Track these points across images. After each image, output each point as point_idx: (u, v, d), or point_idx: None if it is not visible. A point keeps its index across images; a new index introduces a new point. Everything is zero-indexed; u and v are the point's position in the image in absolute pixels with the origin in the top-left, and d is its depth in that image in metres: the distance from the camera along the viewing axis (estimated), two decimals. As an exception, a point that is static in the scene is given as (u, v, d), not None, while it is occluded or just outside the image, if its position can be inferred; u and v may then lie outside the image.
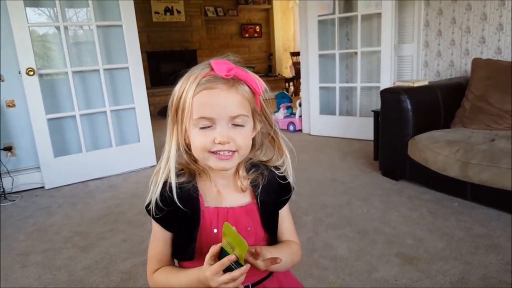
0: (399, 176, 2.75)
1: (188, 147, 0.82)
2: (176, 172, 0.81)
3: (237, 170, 0.87)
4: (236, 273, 0.69)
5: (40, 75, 2.93)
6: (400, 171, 2.73)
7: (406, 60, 3.70)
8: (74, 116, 3.10)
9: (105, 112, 3.22)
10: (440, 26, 3.31)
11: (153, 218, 0.82)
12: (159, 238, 0.85)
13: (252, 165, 0.89)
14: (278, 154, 0.89)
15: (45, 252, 2.06)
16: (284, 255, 0.83)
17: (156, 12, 6.37)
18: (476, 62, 2.76)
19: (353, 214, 2.29)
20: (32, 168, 3.08)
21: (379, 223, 2.16)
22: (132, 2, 3.16)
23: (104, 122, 3.25)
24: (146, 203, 0.83)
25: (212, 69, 0.77)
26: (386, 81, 3.55)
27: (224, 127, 0.76)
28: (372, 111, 3.23)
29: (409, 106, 2.59)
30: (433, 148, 2.41)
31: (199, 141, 0.77)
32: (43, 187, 3.07)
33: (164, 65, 6.54)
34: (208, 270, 0.70)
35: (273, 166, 0.90)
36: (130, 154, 3.35)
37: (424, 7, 3.40)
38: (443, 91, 2.76)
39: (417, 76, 3.58)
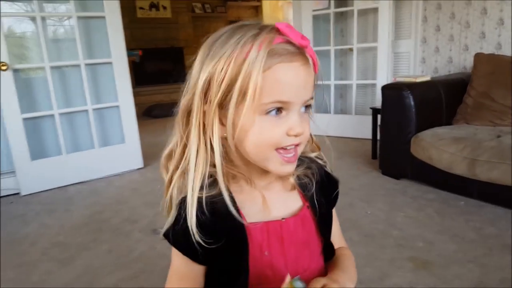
0: (400, 175, 2.63)
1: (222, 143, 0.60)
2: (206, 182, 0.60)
3: None
4: None
5: (15, 70, 2.71)
6: (402, 169, 2.60)
7: (403, 57, 3.59)
8: (52, 115, 2.89)
9: (86, 110, 3.01)
10: (438, 21, 3.21)
11: (178, 249, 0.62)
12: (185, 275, 0.64)
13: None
14: (312, 143, 0.70)
15: (19, 266, 1.85)
16: (353, 276, 0.68)
17: (140, 8, 6.15)
18: (479, 57, 2.66)
19: (357, 216, 2.15)
20: (6, 173, 2.83)
21: (385, 225, 2.02)
22: (116, -7, 2.98)
23: (86, 122, 3.04)
24: (165, 228, 0.63)
25: (280, 33, 0.56)
26: (383, 78, 3.44)
27: (297, 114, 0.57)
28: (371, 108, 3.11)
29: (412, 103, 2.46)
30: (438, 146, 2.29)
31: (269, 133, 0.56)
32: (18, 193, 2.82)
33: (149, 63, 6.31)
34: None
35: (316, 157, 0.71)
36: (114, 156, 3.15)
37: (422, 2, 3.30)
38: (445, 87, 2.65)
39: (414, 73, 3.47)
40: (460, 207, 2.19)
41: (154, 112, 5.79)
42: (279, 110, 0.56)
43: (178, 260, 0.64)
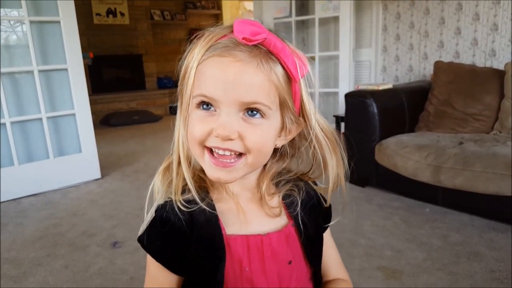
0: (366, 182, 2.64)
1: None
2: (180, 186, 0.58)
3: (258, 184, 0.61)
4: None
5: (-40, 76, 2.51)
6: (367, 177, 2.61)
7: (364, 65, 3.65)
8: (4, 124, 2.69)
9: (40, 119, 2.84)
10: (398, 31, 3.28)
11: (152, 255, 0.59)
12: (160, 283, 0.60)
13: (281, 177, 0.63)
14: (319, 166, 0.62)
15: (-37, 287, 1.69)
16: None
17: (97, 14, 5.94)
18: (438, 66, 2.73)
19: (325, 225, 2.12)
20: (-49, 185, 2.62)
21: (353, 234, 2.01)
22: (72, -4, 2.84)
23: (40, 131, 2.86)
24: (140, 232, 0.59)
25: (233, 31, 0.52)
26: (345, 87, 3.47)
27: (231, 115, 0.51)
28: (334, 116, 3.12)
29: (376, 110, 2.48)
30: (402, 153, 2.31)
31: (194, 127, 0.53)
32: (-36, 206, 2.61)
33: (107, 71, 6.11)
34: None
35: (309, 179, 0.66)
36: (69, 167, 2.98)
37: (382, 12, 3.37)
38: (407, 95, 2.70)
39: (376, 81, 3.53)
40: (425, 214, 2.21)
41: (112, 121, 5.58)
42: (208, 105, 0.53)
43: (153, 268, 0.60)
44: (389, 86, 2.76)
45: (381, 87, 2.68)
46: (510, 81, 2.36)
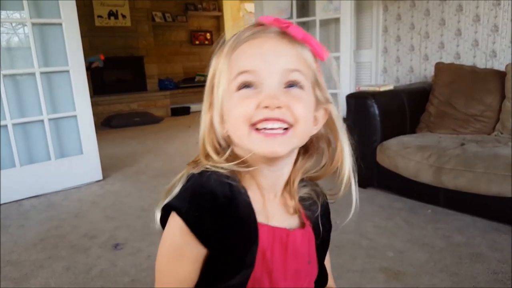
0: (367, 183, 2.64)
1: (226, 141, 0.59)
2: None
3: (289, 178, 0.61)
4: None
5: (-38, 78, 2.52)
6: (368, 178, 2.61)
7: (365, 66, 3.64)
8: (5, 126, 2.70)
9: (42, 121, 2.84)
10: (398, 32, 3.28)
11: (188, 223, 0.53)
12: (185, 255, 0.55)
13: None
14: (327, 164, 0.63)
15: (-34, 289, 1.69)
16: None
17: (99, 16, 5.96)
18: (439, 67, 2.73)
19: (327, 226, 2.12)
20: (-47, 187, 2.62)
21: (355, 235, 2.00)
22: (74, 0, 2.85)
23: (41, 132, 2.86)
24: (170, 199, 0.56)
25: (259, 25, 0.56)
26: (346, 88, 3.46)
27: (274, 86, 0.52)
28: (335, 117, 3.12)
29: (377, 111, 2.49)
30: (403, 154, 2.31)
31: (239, 107, 0.53)
32: (-34, 208, 2.62)
33: (108, 72, 6.10)
34: None
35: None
36: (71, 168, 2.98)
37: (382, 13, 3.37)
38: (408, 96, 2.70)
39: (376, 82, 3.53)
40: (427, 215, 2.21)
41: (113, 122, 5.59)
42: (249, 86, 0.53)
43: (179, 239, 0.55)
44: (390, 87, 2.76)
45: (382, 88, 2.68)
46: (511, 82, 2.36)
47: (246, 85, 0.54)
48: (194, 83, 7.18)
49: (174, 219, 0.55)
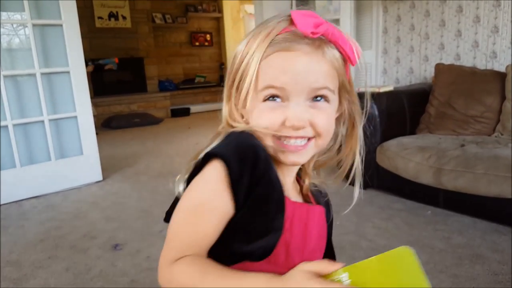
0: (367, 184, 2.63)
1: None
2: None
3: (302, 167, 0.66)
4: None
5: (-38, 79, 2.52)
6: (368, 179, 2.60)
7: (365, 68, 3.65)
8: (6, 126, 2.70)
9: (42, 121, 2.84)
10: (398, 33, 3.29)
11: (231, 174, 0.52)
12: (214, 210, 0.53)
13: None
14: (343, 153, 0.66)
15: (-35, 289, 1.69)
16: None
17: (99, 18, 5.96)
18: (439, 68, 2.73)
19: (327, 227, 2.12)
20: (-47, 187, 2.62)
21: (354, 236, 2.00)
22: (74, 1, 2.86)
23: (41, 133, 2.87)
24: (210, 148, 0.55)
25: (292, 23, 0.55)
26: (346, 89, 3.47)
27: (300, 105, 0.54)
28: (336, 118, 3.12)
29: (377, 112, 2.48)
30: (403, 155, 2.31)
31: (265, 119, 0.55)
32: (-34, 209, 2.62)
33: (108, 73, 6.10)
34: (314, 281, 0.45)
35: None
36: (71, 169, 2.98)
37: (382, 14, 3.37)
38: (408, 97, 2.70)
39: (376, 83, 3.53)
40: (427, 216, 2.20)
41: (113, 123, 5.59)
42: (276, 97, 0.55)
43: (211, 193, 0.53)
44: (390, 88, 2.76)
45: (382, 90, 2.68)
46: (511, 83, 2.36)
47: (273, 96, 0.56)
48: (194, 84, 7.19)
49: (214, 168, 0.53)
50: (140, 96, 6.29)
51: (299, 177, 0.68)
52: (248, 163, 0.52)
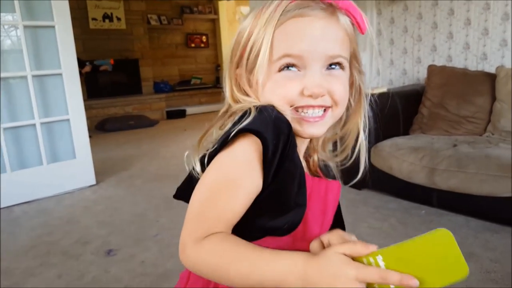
0: (362, 185, 2.64)
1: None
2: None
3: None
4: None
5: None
6: (363, 180, 2.59)
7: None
8: (-4, 130, 2.68)
9: (34, 125, 2.82)
10: (392, 35, 3.30)
11: (267, 151, 0.50)
12: (243, 186, 0.52)
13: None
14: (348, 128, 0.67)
15: (-44, 295, 1.67)
16: None
17: (93, 19, 5.93)
18: (431, 69, 2.74)
19: (321, 229, 2.12)
20: None
21: (349, 237, 2.00)
22: (66, 1, 2.83)
23: (33, 137, 2.84)
24: (246, 123, 0.52)
25: None
26: (340, 90, 3.48)
27: (317, 72, 0.53)
28: (330, 119, 3.13)
29: (371, 113, 2.48)
30: (397, 155, 2.32)
31: (281, 89, 0.54)
32: (-44, 215, 2.58)
33: (103, 75, 6.05)
34: (351, 266, 0.43)
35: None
36: (64, 173, 2.96)
37: (376, 16, 3.38)
38: (401, 98, 2.71)
39: (370, 85, 3.53)
40: (421, 216, 2.21)
41: (107, 126, 5.56)
42: (292, 66, 0.54)
43: (244, 164, 0.52)
44: (384, 89, 2.78)
45: (375, 91, 2.68)
46: (501, 84, 2.38)
47: (289, 66, 0.55)
48: (190, 85, 7.17)
49: (249, 144, 0.52)
50: (135, 98, 6.26)
51: (305, 153, 0.68)
52: (283, 141, 0.52)
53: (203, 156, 0.56)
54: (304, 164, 0.64)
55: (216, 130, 0.60)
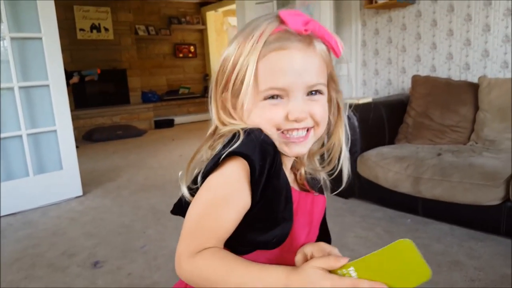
0: (349, 194, 2.66)
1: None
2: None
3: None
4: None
5: None
6: (349, 189, 2.64)
7: (344, 79, 3.70)
8: (-19, 142, 2.65)
9: (20, 136, 2.80)
10: (377, 46, 3.36)
11: (254, 172, 0.56)
12: (233, 203, 0.57)
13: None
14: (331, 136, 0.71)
15: None
16: None
17: (81, 29, 5.92)
18: (416, 79, 2.79)
19: (308, 238, 2.13)
20: None
21: (337, 246, 1.97)
22: (54, 13, 2.82)
23: (19, 148, 2.81)
24: (234, 147, 0.57)
25: (281, 22, 0.59)
26: (327, 100, 3.51)
27: (299, 99, 0.59)
28: (316, 129, 3.16)
29: (357, 123, 2.52)
30: (383, 165, 2.35)
31: (268, 114, 0.59)
32: None
33: (90, 85, 5.99)
34: (326, 278, 0.49)
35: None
36: (50, 184, 2.93)
37: (361, 27, 3.44)
38: (386, 108, 2.76)
39: (356, 95, 3.58)
40: (407, 224, 2.24)
41: (95, 136, 5.52)
42: (277, 96, 0.59)
43: (233, 184, 0.57)
44: (369, 99, 2.82)
45: (361, 101, 2.73)
46: (484, 94, 2.43)
47: (273, 96, 0.60)
48: (178, 95, 7.18)
49: (237, 166, 0.57)
50: (123, 108, 6.24)
51: (292, 167, 0.73)
52: (269, 162, 0.57)
53: (196, 176, 0.61)
54: (291, 177, 0.69)
55: (206, 150, 0.65)
